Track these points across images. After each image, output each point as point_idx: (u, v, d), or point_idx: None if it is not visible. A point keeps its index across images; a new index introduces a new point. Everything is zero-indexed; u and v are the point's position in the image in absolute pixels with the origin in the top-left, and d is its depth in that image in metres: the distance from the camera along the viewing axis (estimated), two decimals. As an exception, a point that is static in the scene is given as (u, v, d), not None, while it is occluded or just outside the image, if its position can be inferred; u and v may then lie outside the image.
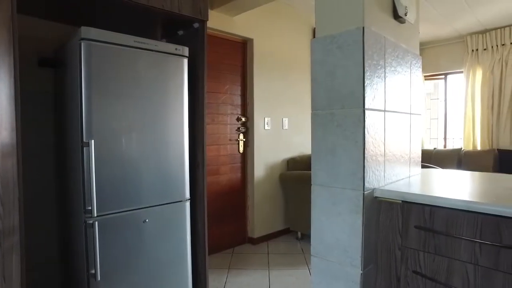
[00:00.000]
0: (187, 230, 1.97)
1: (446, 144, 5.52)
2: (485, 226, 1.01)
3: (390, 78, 1.36)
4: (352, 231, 1.23)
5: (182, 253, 1.95)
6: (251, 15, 3.26)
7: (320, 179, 1.31)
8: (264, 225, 3.48)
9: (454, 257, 1.08)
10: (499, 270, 0.99)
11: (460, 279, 1.07)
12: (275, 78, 3.55)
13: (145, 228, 1.76)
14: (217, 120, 3.13)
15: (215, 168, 3.13)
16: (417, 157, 1.68)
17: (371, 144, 1.22)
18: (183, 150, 1.94)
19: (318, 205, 1.33)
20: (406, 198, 1.19)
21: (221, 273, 2.71)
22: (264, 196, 3.47)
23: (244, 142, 3.36)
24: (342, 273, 1.28)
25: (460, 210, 1.06)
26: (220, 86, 3.16)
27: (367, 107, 1.19)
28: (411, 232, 1.19)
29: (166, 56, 1.84)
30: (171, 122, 1.88)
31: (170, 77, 1.87)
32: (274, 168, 3.54)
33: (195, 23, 2.06)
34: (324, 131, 1.29)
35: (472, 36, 4.81)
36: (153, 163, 1.80)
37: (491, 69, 4.66)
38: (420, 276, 1.17)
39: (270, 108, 3.48)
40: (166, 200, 1.86)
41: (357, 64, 1.19)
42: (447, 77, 5.44)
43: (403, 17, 1.46)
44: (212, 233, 3.08)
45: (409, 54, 1.55)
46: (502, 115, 4.58)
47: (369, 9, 1.24)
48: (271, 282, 2.54)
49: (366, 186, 1.20)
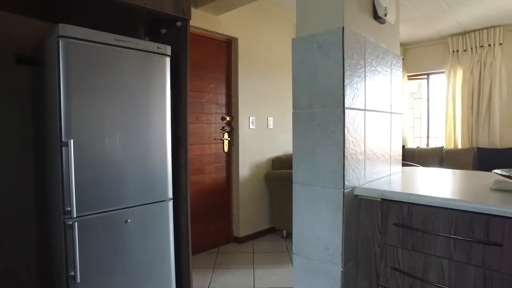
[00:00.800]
0: (170, 230, 1.95)
1: (429, 142, 5.63)
2: (460, 222, 1.04)
3: (370, 78, 1.38)
4: (333, 229, 1.25)
5: (165, 253, 1.93)
6: (236, 14, 3.25)
7: (301, 177, 1.32)
8: (250, 224, 3.48)
9: (430, 252, 1.11)
10: (471, 264, 1.02)
11: (436, 274, 1.10)
12: (260, 77, 3.55)
13: (127, 228, 1.73)
14: (201, 120, 3.11)
15: (199, 167, 3.11)
16: (398, 156, 1.71)
17: (351, 143, 1.24)
18: (166, 150, 1.93)
19: (299, 204, 1.34)
20: (386, 196, 1.21)
21: (205, 273, 2.70)
22: (249, 195, 3.47)
23: (229, 141, 3.35)
24: (323, 271, 1.29)
25: (437, 207, 1.09)
26: (204, 85, 3.14)
27: (347, 106, 1.21)
28: (390, 230, 1.21)
29: (148, 54, 1.82)
30: (153, 121, 1.86)
31: (152, 76, 1.85)
32: (259, 167, 3.55)
33: (178, 22, 2.04)
34: (305, 130, 1.30)
35: (453, 38, 4.92)
36: (135, 162, 1.78)
37: (471, 70, 4.78)
38: (399, 272, 1.20)
39: (255, 107, 3.48)
40: (149, 200, 1.84)
41: (337, 63, 1.21)
42: (429, 77, 5.55)
43: (383, 18, 1.48)
44: (197, 232, 3.07)
45: (389, 54, 1.58)
46: (481, 114, 4.70)
47: (349, 9, 1.25)
48: (256, 281, 2.55)
49: (346, 184, 1.22)
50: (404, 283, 1.18)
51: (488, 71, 4.62)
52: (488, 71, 4.62)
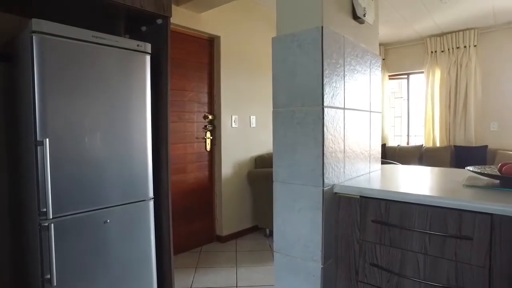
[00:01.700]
0: (151, 229, 1.93)
1: (409, 141, 5.77)
2: (434, 218, 1.07)
3: (349, 77, 1.40)
4: (313, 227, 1.26)
5: (146, 253, 1.91)
6: (218, 12, 3.24)
7: (281, 176, 1.33)
8: (233, 223, 3.48)
9: (407, 248, 1.14)
10: (444, 258, 1.05)
11: (412, 269, 1.13)
12: (243, 76, 3.55)
13: (106, 229, 1.70)
14: (183, 118, 3.08)
15: (181, 166, 3.08)
16: (377, 154, 1.74)
17: (331, 141, 1.25)
18: (146, 148, 1.90)
19: (279, 202, 1.35)
20: (364, 194, 1.23)
21: (188, 273, 2.68)
22: (232, 194, 3.46)
23: (211, 140, 3.34)
24: (303, 268, 1.31)
25: (413, 204, 1.12)
26: (186, 84, 3.11)
27: (326, 104, 1.22)
28: (368, 226, 1.23)
29: (128, 52, 1.79)
30: (133, 120, 1.83)
31: (132, 74, 1.82)
32: (242, 166, 3.55)
33: (158, 19, 2.01)
34: (285, 128, 1.30)
35: (431, 39, 5.06)
36: (115, 161, 1.75)
37: (448, 70, 4.92)
38: (377, 268, 1.22)
39: (237, 105, 3.48)
40: (129, 200, 1.81)
41: (316, 62, 1.22)
42: (409, 77, 5.68)
43: (362, 18, 1.50)
44: (180, 232, 3.04)
45: (369, 54, 1.60)
46: (457, 114, 4.85)
47: (328, 9, 1.27)
48: (239, 279, 2.55)
49: (325, 182, 1.23)
50: (382, 278, 1.21)
51: (464, 72, 4.77)
52: (464, 72, 4.76)
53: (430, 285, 1.09)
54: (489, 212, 0.97)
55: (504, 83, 4.57)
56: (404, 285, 1.15)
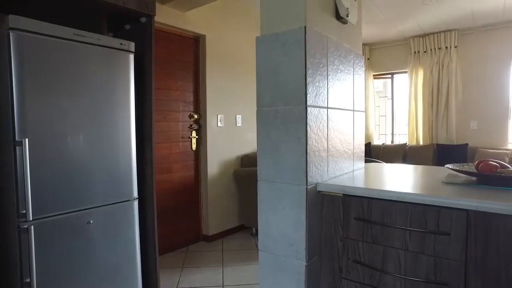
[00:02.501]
0: (135, 230, 1.91)
1: (394, 139, 5.86)
2: (414, 215, 1.09)
3: (332, 76, 1.42)
4: (297, 225, 1.27)
5: (131, 254, 1.89)
6: (204, 11, 3.22)
7: (266, 174, 1.34)
8: (219, 222, 3.47)
9: (389, 244, 1.16)
10: (424, 253, 1.08)
11: (393, 264, 1.15)
12: (228, 75, 3.54)
13: (90, 230, 1.68)
14: (168, 118, 3.06)
15: (167, 166, 3.06)
16: (361, 152, 1.76)
17: (314, 140, 1.27)
18: (130, 148, 1.88)
19: (264, 201, 1.35)
20: (347, 192, 1.25)
21: (174, 273, 2.66)
22: (218, 193, 3.46)
23: (197, 139, 3.32)
24: (288, 266, 1.32)
25: (394, 201, 1.14)
26: (171, 83, 3.09)
27: (309, 104, 1.23)
28: (351, 224, 1.25)
29: (111, 51, 1.77)
30: (117, 119, 1.81)
31: (116, 73, 1.80)
32: (228, 165, 3.54)
33: (142, 18, 1.99)
34: (269, 127, 1.31)
35: (414, 39, 5.15)
36: (98, 161, 1.72)
37: (430, 70, 5.03)
38: (360, 265, 1.24)
39: (223, 105, 3.47)
40: (113, 200, 1.79)
41: (299, 62, 1.23)
42: (393, 77, 5.78)
43: (345, 18, 1.52)
44: (166, 232, 3.02)
45: (352, 54, 1.62)
46: (440, 113, 4.96)
47: (311, 9, 1.28)
48: (225, 278, 2.55)
49: (309, 180, 1.24)
50: (365, 274, 1.23)
51: (445, 72, 4.88)
52: (446, 72, 4.88)
53: (410, 280, 1.12)
54: (465, 208, 1.00)
55: (483, 83, 4.70)
56: (386, 281, 1.17)
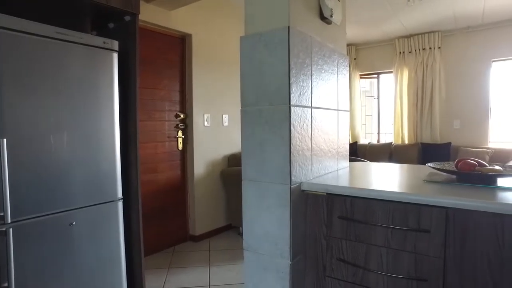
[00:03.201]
0: (120, 231, 1.89)
1: (380, 138, 5.94)
2: (396, 213, 1.11)
3: (316, 76, 1.43)
4: (281, 224, 1.27)
5: (115, 255, 1.87)
6: (190, 9, 3.20)
7: (250, 174, 1.34)
8: (206, 222, 3.46)
9: (371, 242, 1.18)
10: (405, 251, 1.10)
11: (376, 262, 1.17)
12: (215, 74, 3.53)
13: (72, 231, 1.65)
14: (154, 117, 3.03)
15: (153, 166, 3.03)
16: (345, 151, 1.78)
17: (298, 140, 1.27)
18: (114, 148, 1.86)
19: (248, 200, 1.36)
20: (330, 191, 1.26)
21: (160, 273, 2.64)
22: (205, 193, 3.44)
23: (183, 139, 3.30)
24: (272, 265, 1.32)
25: (376, 200, 1.16)
26: (157, 82, 3.06)
27: (293, 103, 1.24)
28: (335, 222, 1.26)
29: (94, 49, 1.74)
30: (100, 119, 1.78)
31: (99, 71, 1.77)
32: (215, 165, 3.53)
33: (126, 16, 1.97)
34: (253, 127, 1.31)
35: (399, 40, 5.23)
36: (80, 162, 1.69)
37: (415, 70, 5.11)
38: (343, 263, 1.25)
39: (209, 104, 3.46)
40: (96, 201, 1.76)
41: (283, 62, 1.23)
42: (379, 76, 5.85)
43: (329, 18, 1.53)
44: (152, 232, 2.99)
45: (336, 54, 1.64)
46: (424, 112, 5.05)
47: (295, 9, 1.28)
48: (211, 278, 2.54)
49: (293, 180, 1.25)
50: (348, 272, 1.24)
51: (429, 72, 4.97)
52: (430, 72, 4.97)
53: (392, 277, 1.13)
54: (444, 205, 1.02)
55: (465, 83, 4.80)
56: (368, 278, 1.19)
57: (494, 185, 1.17)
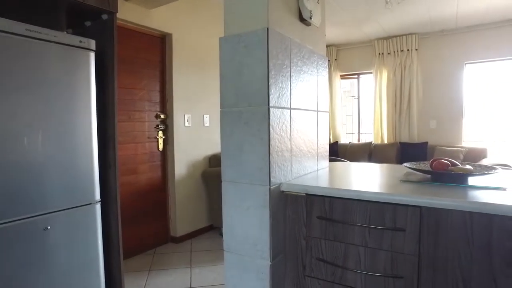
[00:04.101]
0: (98, 234, 1.85)
1: (360, 138, 6.05)
2: (373, 212, 1.14)
3: (296, 77, 1.44)
4: (261, 225, 1.28)
5: (93, 259, 1.82)
6: (170, 8, 3.16)
7: (229, 175, 1.34)
8: (187, 223, 3.43)
9: (349, 242, 1.20)
10: (382, 249, 1.12)
11: (354, 261, 1.19)
12: (196, 74, 3.50)
13: (47, 236, 1.60)
14: (133, 117, 2.98)
15: (132, 167, 2.98)
16: (325, 152, 1.80)
17: (277, 141, 1.28)
18: (92, 149, 1.81)
19: (228, 201, 1.35)
20: (309, 191, 1.27)
21: (141, 276, 2.60)
22: (186, 194, 3.41)
23: (164, 139, 3.26)
24: (252, 266, 1.32)
25: (354, 200, 1.18)
26: (136, 82, 3.01)
27: (272, 105, 1.25)
28: (314, 223, 1.28)
29: (69, 48, 1.69)
30: (76, 120, 1.74)
31: (75, 71, 1.73)
32: (196, 165, 3.50)
33: (103, 15, 1.93)
34: (232, 128, 1.31)
35: (379, 41, 5.34)
36: (56, 164, 1.65)
37: (394, 71, 5.23)
38: (323, 262, 1.27)
39: (190, 104, 3.43)
40: (72, 204, 1.72)
41: (262, 63, 1.24)
42: (359, 77, 5.95)
43: (308, 20, 1.55)
44: (132, 234, 2.95)
45: (315, 55, 1.65)
46: (402, 112, 5.18)
47: (274, 11, 1.29)
48: (193, 280, 2.52)
49: (272, 181, 1.26)
50: (327, 271, 1.26)
51: (407, 73, 5.10)
52: (408, 73, 5.10)
53: (370, 276, 1.16)
54: (418, 205, 1.05)
55: (440, 85, 4.95)
56: (347, 277, 1.21)
57: (465, 184, 1.21)
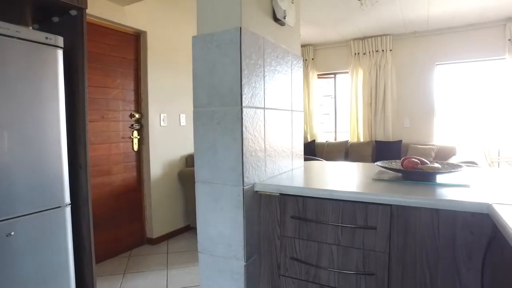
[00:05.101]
0: (68, 238, 1.79)
1: (337, 136, 6.14)
2: (345, 211, 1.15)
3: (269, 77, 1.44)
4: (235, 226, 1.27)
5: (63, 265, 1.76)
6: (144, 5, 3.09)
7: (203, 176, 1.32)
8: (164, 224, 3.37)
9: (322, 241, 1.21)
10: (354, 247, 1.14)
11: (327, 259, 1.20)
12: (172, 73, 3.44)
13: (11, 242, 1.53)
14: (107, 117, 2.90)
15: (106, 168, 2.90)
16: (300, 151, 1.81)
17: (250, 141, 1.27)
18: (60, 150, 1.75)
19: (201, 202, 1.34)
20: (283, 191, 1.28)
21: (115, 280, 2.54)
22: (162, 194, 3.36)
23: (139, 139, 3.19)
24: (227, 267, 1.32)
25: (326, 199, 1.19)
26: (110, 81, 2.92)
27: (245, 105, 1.24)
28: (288, 222, 1.28)
29: (35, 45, 1.62)
30: (43, 120, 1.67)
31: (41, 69, 1.66)
32: (172, 165, 3.45)
33: (71, 10, 1.86)
34: (205, 128, 1.29)
35: (355, 41, 5.43)
36: (22, 166, 1.58)
37: (369, 71, 5.34)
38: (297, 261, 1.27)
39: (166, 104, 3.37)
40: (40, 208, 1.65)
41: (235, 63, 1.22)
42: (336, 76, 6.04)
43: (282, 20, 1.55)
44: (106, 237, 2.87)
45: (290, 55, 1.66)
46: (377, 111, 5.29)
47: (247, 11, 1.28)
48: (169, 281, 2.48)
49: (245, 181, 1.25)
50: (301, 270, 1.27)
51: (382, 73, 5.21)
52: (382, 73, 5.21)
53: (342, 273, 1.17)
54: (388, 203, 1.07)
55: (413, 84, 5.10)
56: (320, 275, 1.22)
57: (433, 182, 1.25)
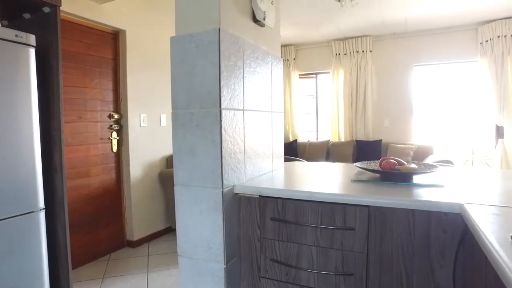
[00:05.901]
0: (42, 244, 1.73)
1: (318, 136, 6.20)
2: (324, 213, 1.16)
3: (249, 79, 1.43)
4: (214, 228, 1.26)
5: (37, 272, 1.70)
6: (123, 3, 3.03)
7: (182, 178, 1.30)
8: (144, 226, 3.32)
9: (302, 242, 1.21)
10: (333, 248, 1.15)
11: (307, 261, 1.21)
12: (152, 73, 3.38)
13: (-19, 248, 1.47)
14: (84, 118, 2.82)
15: (84, 170, 2.82)
16: (280, 152, 1.82)
17: (229, 143, 1.26)
18: (33, 153, 1.69)
19: (181, 205, 1.32)
20: (262, 193, 1.27)
21: (93, 284, 2.48)
22: (143, 196, 3.30)
23: (118, 140, 3.12)
24: (207, 270, 1.30)
25: (305, 201, 1.19)
26: (87, 81, 2.85)
27: (224, 106, 1.23)
28: (267, 224, 1.28)
29: (3, 43, 1.56)
30: (15, 121, 1.61)
31: (11, 68, 1.59)
32: (152, 166, 3.40)
33: (44, 7, 1.80)
34: (184, 130, 1.28)
35: (336, 42, 5.49)
36: (-9, 170, 1.51)
37: (350, 71, 5.42)
38: (277, 263, 1.27)
39: (146, 104, 3.31)
40: (10, 213, 1.59)
41: (213, 64, 1.21)
42: (317, 77, 6.09)
43: (262, 21, 1.54)
44: (84, 241, 2.80)
45: (270, 56, 1.66)
46: (358, 111, 5.38)
47: (226, 11, 1.27)
48: (150, 284, 2.44)
49: (225, 183, 1.24)
50: (282, 272, 1.27)
51: (362, 74, 5.30)
52: (363, 74, 5.30)
53: (322, 274, 1.18)
54: (366, 204, 1.09)
55: (392, 85, 5.21)
56: (300, 277, 1.22)
57: (410, 182, 1.27)
